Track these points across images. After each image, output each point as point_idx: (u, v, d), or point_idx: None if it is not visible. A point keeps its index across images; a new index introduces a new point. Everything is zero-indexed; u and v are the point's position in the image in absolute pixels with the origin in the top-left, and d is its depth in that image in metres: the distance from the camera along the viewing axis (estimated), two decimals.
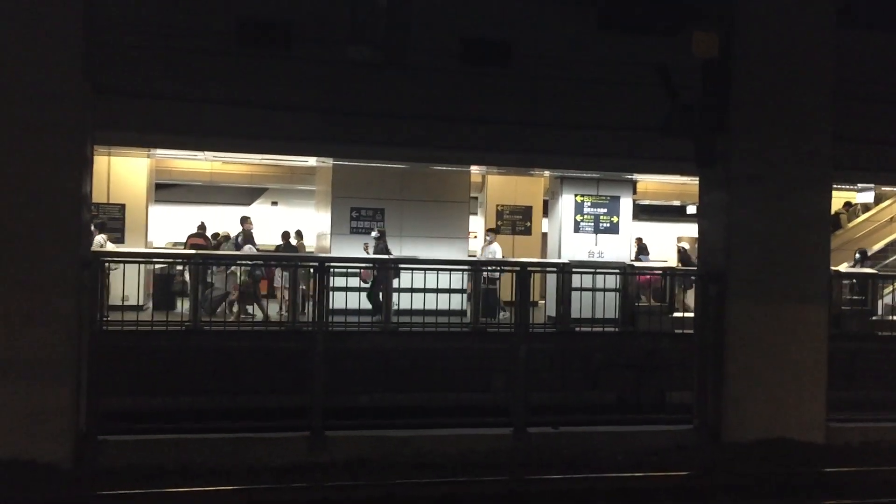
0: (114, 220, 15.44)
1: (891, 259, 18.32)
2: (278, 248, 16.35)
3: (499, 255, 14.83)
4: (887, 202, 20.19)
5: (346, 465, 8.43)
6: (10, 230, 7.85)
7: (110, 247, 13.80)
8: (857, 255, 16.80)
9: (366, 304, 12.84)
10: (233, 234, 15.77)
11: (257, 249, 15.25)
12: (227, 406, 10.37)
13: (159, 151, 15.09)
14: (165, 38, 11.33)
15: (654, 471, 8.47)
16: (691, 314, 10.78)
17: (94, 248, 12.61)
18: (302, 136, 12.77)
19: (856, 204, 20.55)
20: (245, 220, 15.36)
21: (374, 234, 14.66)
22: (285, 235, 16.28)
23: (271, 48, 11.79)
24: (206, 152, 15.13)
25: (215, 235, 16.58)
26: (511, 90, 13.00)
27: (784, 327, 9.42)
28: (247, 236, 15.07)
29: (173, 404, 10.04)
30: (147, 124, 11.80)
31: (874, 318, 13.79)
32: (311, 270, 10.38)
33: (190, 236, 16.37)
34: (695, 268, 14.76)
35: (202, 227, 16.83)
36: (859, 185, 17.01)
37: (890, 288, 14.91)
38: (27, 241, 7.87)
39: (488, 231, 16.20)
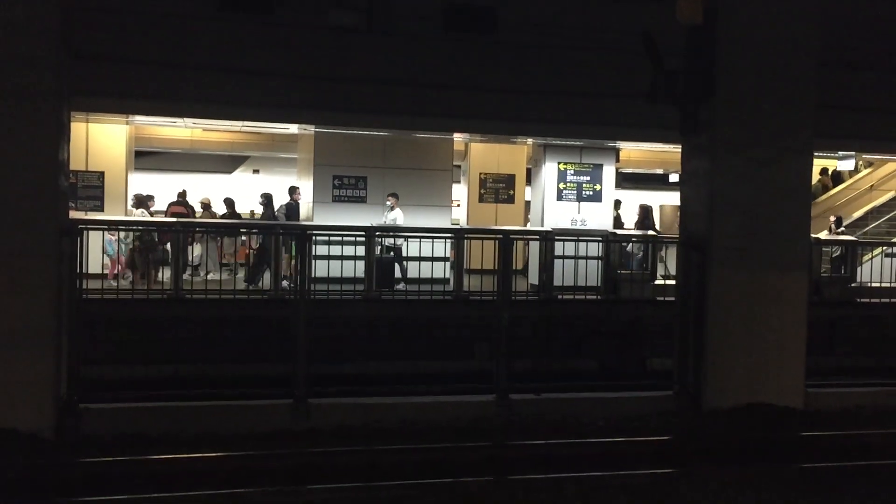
0: (93, 187, 15.25)
1: (870, 227, 18.46)
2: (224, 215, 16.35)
3: (400, 222, 14.22)
4: (866, 170, 20.31)
5: (330, 432, 8.46)
6: None
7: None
8: (833, 221, 16.93)
9: (348, 273, 12.80)
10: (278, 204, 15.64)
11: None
12: (210, 374, 10.38)
13: (138, 118, 14.89)
14: (145, 3, 11.14)
15: (634, 436, 8.57)
16: (673, 282, 10.84)
17: None
18: (284, 103, 12.65)
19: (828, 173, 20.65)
20: (294, 191, 15.26)
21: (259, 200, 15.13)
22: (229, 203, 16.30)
23: (252, 13, 11.64)
24: (186, 119, 14.94)
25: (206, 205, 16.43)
26: (496, 57, 12.92)
27: (765, 294, 9.49)
28: (289, 209, 14.88)
29: (156, 372, 10.04)
30: (125, 90, 11.64)
31: (853, 285, 13.93)
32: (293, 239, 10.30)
33: (171, 204, 16.22)
34: (651, 230, 14.89)
35: (183, 194, 16.69)
36: (840, 153, 17.08)
37: (869, 255, 15.04)
38: (3, 209, 7.77)
39: (389, 195, 14.89)
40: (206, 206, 16.87)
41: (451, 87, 12.88)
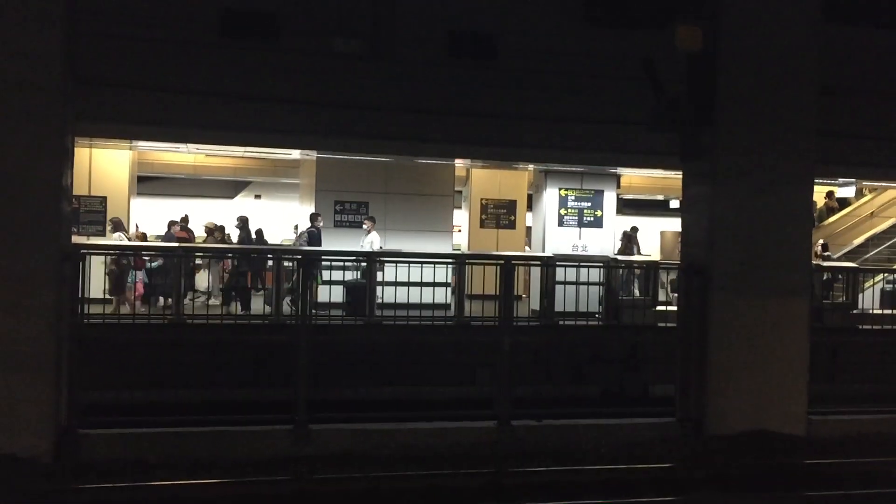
0: (95, 212, 15.30)
1: (871, 253, 18.46)
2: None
3: (377, 246, 14.17)
4: (867, 196, 20.35)
5: (330, 458, 8.40)
6: None
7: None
8: (819, 246, 16.94)
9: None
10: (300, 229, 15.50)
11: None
12: (210, 399, 10.32)
13: (141, 143, 14.99)
14: (149, 29, 11.24)
15: (637, 463, 8.52)
16: (674, 307, 10.82)
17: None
18: (287, 129, 12.72)
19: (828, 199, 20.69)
20: (315, 218, 15.01)
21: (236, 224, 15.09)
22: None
23: (256, 39, 11.71)
24: (188, 145, 15.01)
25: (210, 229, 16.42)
26: (497, 83, 12.99)
27: (766, 321, 9.47)
28: (311, 236, 14.69)
29: (156, 398, 9.99)
30: (129, 116, 11.71)
31: (855, 311, 13.90)
32: (295, 264, 10.31)
33: (173, 226, 16.22)
34: (638, 254, 14.89)
35: (185, 219, 16.71)
36: (840, 180, 17.12)
37: (871, 282, 15.03)
38: (6, 233, 7.78)
39: (366, 219, 14.96)
40: (211, 230, 16.88)
41: (452, 113, 12.95)
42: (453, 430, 9.11)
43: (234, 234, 16.40)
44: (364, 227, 14.63)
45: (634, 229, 17.78)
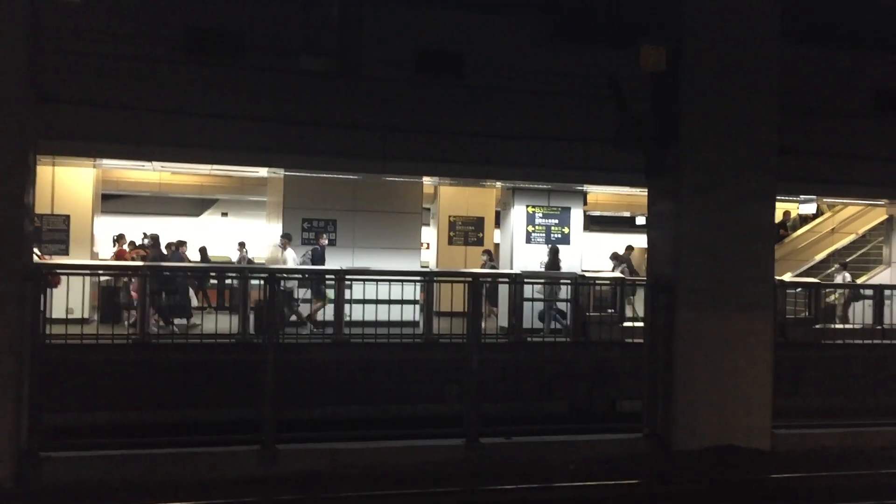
0: (58, 231, 15.07)
1: (832, 269, 18.79)
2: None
3: (290, 263, 14.10)
4: (827, 214, 20.73)
5: (297, 478, 8.32)
6: None
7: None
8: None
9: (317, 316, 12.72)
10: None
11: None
12: (175, 420, 10.19)
13: (106, 161, 14.80)
14: (113, 46, 11.15)
15: (605, 479, 8.55)
16: (641, 324, 10.91)
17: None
18: (253, 147, 12.66)
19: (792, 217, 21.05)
20: (319, 236, 14.89)
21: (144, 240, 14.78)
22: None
23: (221, 57, 11.68)
24: (153, 162, 14.88)
25: (169, 245, 16.24)
26: (465, 101, 13.08)
27: (731, 336, 9.58)
28: (315, 253, 14.55)
29: (120, 419, 9.82)
30: (93, 133, 11.59)
31: (817, 326, 14.11)
32: (262, 282, 10.23)
33: (137, 247, 16.04)
34: (561, 271, 15.01)
35: (155, 237, 16.42)
36: (801, 197, 17.43)
37: (833, 296, 15.29)
38: None
39: (282, 236, 14.87)
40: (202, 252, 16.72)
41: (419, 130, 13.00)
42: (422, 449, 9.06)
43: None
44: (278, 243, 14.59)
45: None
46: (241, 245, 16.81)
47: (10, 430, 7.76)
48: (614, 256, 16.99)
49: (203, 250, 17.81)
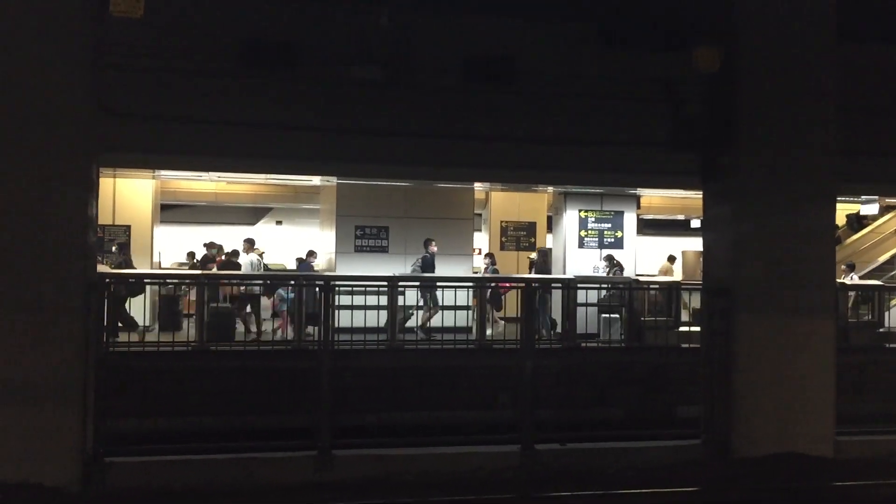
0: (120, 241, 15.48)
1: None
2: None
3: (253, 269, 13.96)
4: (890, 214, 20.17)
5: (353, 484, 8.40)
6: (18, 252, 7.86)
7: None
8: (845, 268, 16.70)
9: (371, 323, 12.83)
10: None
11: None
12: (234, 426, 10.34)
13: (164, 172, 15.17)
14: (170, 60, 11.40)
15: (663, 487, 8.43)
16: (697, 328, 10.75)
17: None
18: (306, 156, 12.83)
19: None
20: (429, 243, 14.84)
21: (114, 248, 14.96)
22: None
23: (275, 68, 11.85)
24: (210, 173, 15.19)
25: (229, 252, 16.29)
26: (515, 107, 13.05)
27: (791, 341, 9.38)
28: (424, 261, 14.52)
29: (180, 425, 10.03)
30: (152, 146, 11.87)
31: (882, 329, 13.74)
32: (317, 289, 10.36)
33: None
34: (549, 275, 14.74)
35: (220, 249, 16.60)
36: (863, 198, 16.99)
37: None
38: (34, 263, 7.88)
39: (245, 240, 14.86)
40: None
41: (471, 137, 13.00)
42: (476, 456, 9.06)
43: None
44: (242, 248, 14.70)
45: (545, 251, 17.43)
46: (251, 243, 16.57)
47: (77, 436, 7.98)
48: (608, 258, 16.40)
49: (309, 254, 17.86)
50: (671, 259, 18.03)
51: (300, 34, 12.08)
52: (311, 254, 15.37)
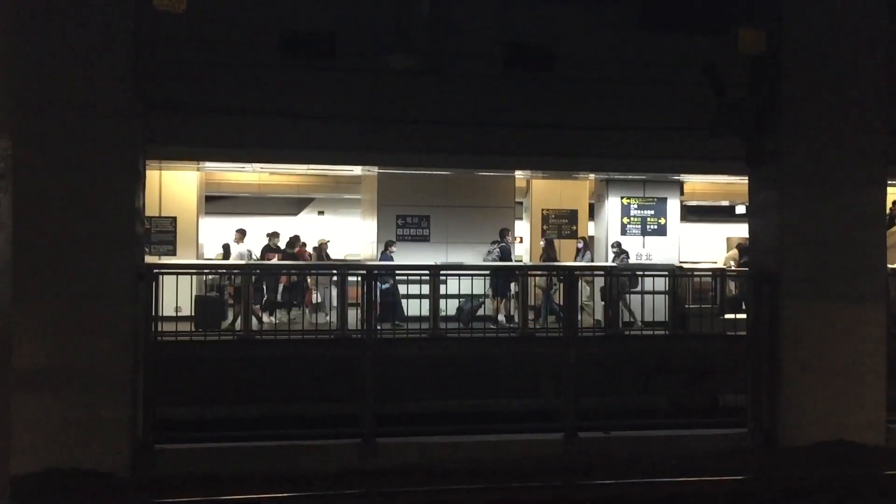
0: (166, 232, 15.71)
1: None
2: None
3: (234, 259, 13.81)
4: None
5: (397, 471, 8.47)
6: (67, 242, 8.06)
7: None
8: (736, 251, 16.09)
9: (413, 312, 12.86)
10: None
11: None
12: (279, 414, 10.48)
13: (209, 164, 15.35)
14: (212, 53, 11.52)
15: (708, 475, 8.35)
16: (743, 316, 10.61)
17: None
18: (346, 146, 12.90)
19: None
20: (505, 233, 14.90)
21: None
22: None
23: (315, 59, 11.90)
24: (253, 164, 15.34)
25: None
26: (554, 94, 12.95)
27: (840, 328, 9.22)
28: (503, 251, 14.58)
29: (227, 413, 10.19)
30: (196, 138, 12.04)
31: None
32: (359, 279, 10.42)
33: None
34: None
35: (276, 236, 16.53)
36: None
37: None
38: (83, 254, 8.07)
39: (237, 230, 14.86)
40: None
41: (511, 124, 12.95)
42: (520, 443, 9.08)
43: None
44: (234, 239, 14.63)
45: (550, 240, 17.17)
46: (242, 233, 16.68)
47: (128, 423, 8.17)
48: (616, 245, 16.03)
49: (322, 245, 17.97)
50: (739, 247, 17.65)
51: (340, 24, 12.11)
52: (391, 243, 15.31)
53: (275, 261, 15.28)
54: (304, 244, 16.15)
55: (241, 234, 14.75)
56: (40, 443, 7.86)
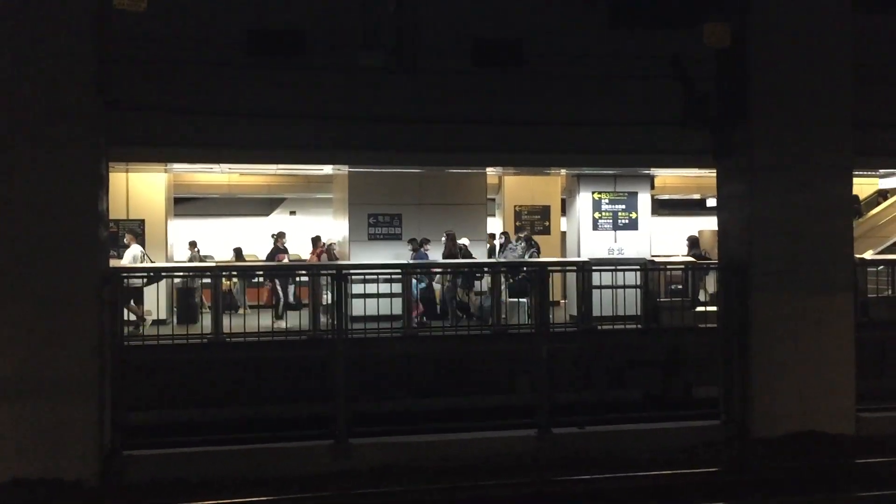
0: (134, 235, 15.46)
1: None
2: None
3: (139, 261, 13.34)
4: None
5: (370, 472, 8.41)
6: (29, 247, 7.90)
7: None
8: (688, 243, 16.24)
9: (385, 311, 12.80)
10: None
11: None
12: (251, 417, 10.38)
13: (176, 166, 15.16)
14: (177, 52, 11.36)
15: (682, 468, 8.38)
16: (714, 308, 10.65)
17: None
18: (317, 145, 12.78)
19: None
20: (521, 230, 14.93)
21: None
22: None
23: (282, 57, 11.79)
24: (221, 165, 15.17)
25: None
26: (524, 89, 12.93)
27: (809, 318, 9.27)
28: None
29: (198, 417, 10.07)
30: (161, 139, 11.87)
31: None
32: (330, 279, 10.33)
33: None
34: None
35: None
36: (882, 171, 16.73)
37: None
38: (46, 259, 7.92)
39: (127, 232, 14.30)
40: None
41: (481, 121, 12.91)
42: (494, 440, 9.05)
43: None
44: (125, 240, 14.26)
45: (505, 234, 17.19)
46: (192, 244, 16.79)
47: (94, 430, 8.03)
48: (525, 238, 15.90)
49: (238, 251, 17.95)
50: (689, 240, 17.71)
51: (308, 22, 12.01)
52: (426, 241, 15.08)
53: (285, 261, 15.19)
54: (325, 245, 15.90)
55: (134, 234, 14.30)
56: (5, 452, 7.71)
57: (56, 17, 7.95)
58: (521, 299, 13.38)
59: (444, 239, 14.43)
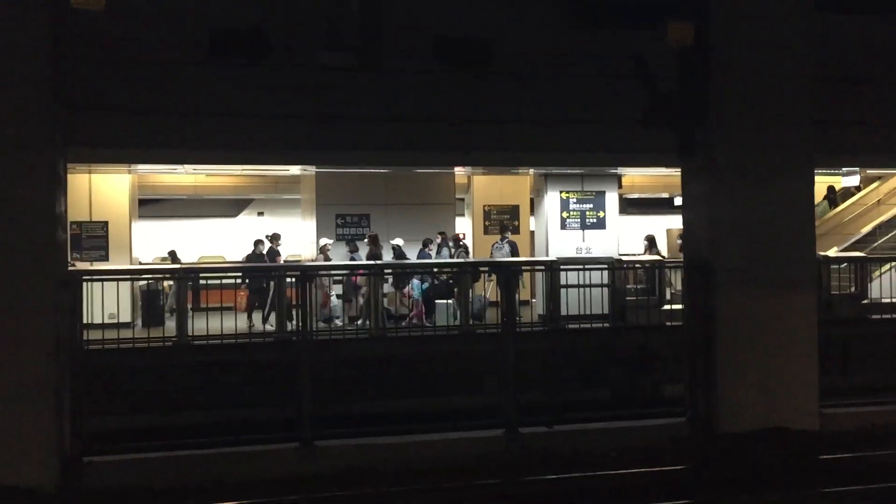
0: (97, 237, 15.26)
1: (879, 242, 18.25)
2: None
3: None
4: (873, 185, 20.13)
5: (337, 474, 8.32)
6: None
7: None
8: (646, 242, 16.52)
9: (352, 311, 12.74)
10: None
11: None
12: (216, 421, 10.25)
13: (140, 167, 14.97)
14: (137, 51, 11.18)
15: (648, 466, 8.40)
16: (681, 306, 10.71)
17: None
18: (283, 145, 12.66)
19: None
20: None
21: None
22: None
23: (245, 57, 11.66)
24: (186, 166, 14.99)
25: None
26: (491, 88, 12.91)
27: (773, 315, 9.35)
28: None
29: (161, 422, 9.92)
30: (123, 139, 11.66)
31: (865, 301, 13.73)
32: (294, 280, 10.24)
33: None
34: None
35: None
36: (843, 169, 16.95)
37: (878, 271, 14.85)
38: (1, 262, 7.74)
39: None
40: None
41: (448, 120, 12.87)
42: (461, 441, 9.01)
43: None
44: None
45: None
46: (173, 254, 16.76)
47: (53, 436, 7.87)
48: (454, 238, 16.03)
49: (173, 254, 17.76)
50: (647, 238, 17.83)
51: (271, 21, 11.88)
52: (429, 241, 14.89)
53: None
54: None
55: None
56: None
57: (6, 14, 7.77)
58: (448, 300, 13.48)
59: (366, 241, 14.47)
